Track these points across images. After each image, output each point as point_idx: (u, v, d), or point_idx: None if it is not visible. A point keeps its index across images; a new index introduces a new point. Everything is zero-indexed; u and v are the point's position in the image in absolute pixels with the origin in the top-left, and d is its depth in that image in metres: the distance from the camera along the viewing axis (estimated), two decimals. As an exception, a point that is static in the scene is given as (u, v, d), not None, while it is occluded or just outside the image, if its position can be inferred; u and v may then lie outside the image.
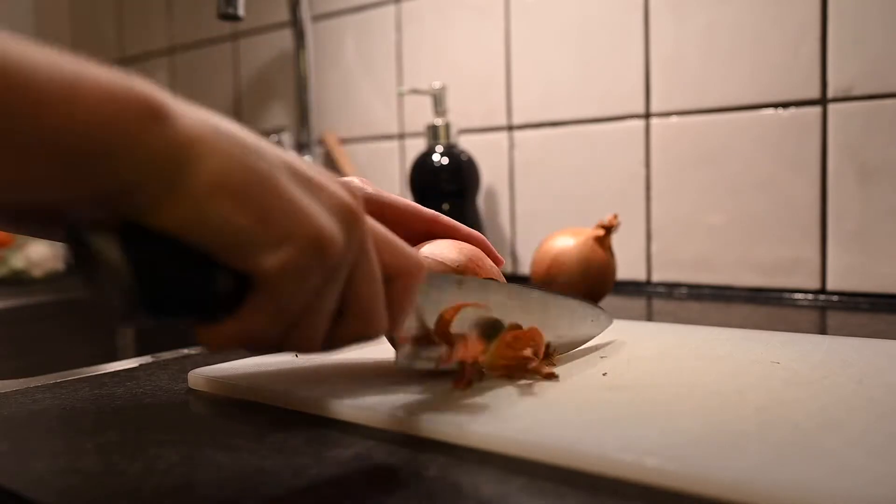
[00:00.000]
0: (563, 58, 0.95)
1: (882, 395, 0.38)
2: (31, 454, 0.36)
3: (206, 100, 1.40)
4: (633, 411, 0.36)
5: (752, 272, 0.82)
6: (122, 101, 0.27)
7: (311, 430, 0.38)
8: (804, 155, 0.79)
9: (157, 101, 0.28)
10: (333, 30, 1.18)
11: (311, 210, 0.31)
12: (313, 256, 0.31)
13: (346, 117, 1.18)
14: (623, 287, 0.90)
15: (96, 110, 0.27)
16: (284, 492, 0.31)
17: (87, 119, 0.26)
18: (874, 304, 0.75)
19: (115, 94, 0.27)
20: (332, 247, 0.31)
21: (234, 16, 0.99)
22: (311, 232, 0.30)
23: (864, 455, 0.30)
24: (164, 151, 0.28)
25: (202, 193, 0.28)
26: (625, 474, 0.30)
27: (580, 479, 0.30)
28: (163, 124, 0.28)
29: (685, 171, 0.86)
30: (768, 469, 0.29)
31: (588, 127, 0.93)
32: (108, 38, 1.59)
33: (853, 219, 0.76)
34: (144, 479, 0.32)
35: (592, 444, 0.32)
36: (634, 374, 0.44)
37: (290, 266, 0.30)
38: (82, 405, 0.44)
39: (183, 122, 0.29)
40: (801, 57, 0.78)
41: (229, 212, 0.29)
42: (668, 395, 0.39)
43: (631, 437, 0.33)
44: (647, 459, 0.30)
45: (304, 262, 0.30)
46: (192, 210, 0.28)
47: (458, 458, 0.33)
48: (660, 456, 0.30)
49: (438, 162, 0.94)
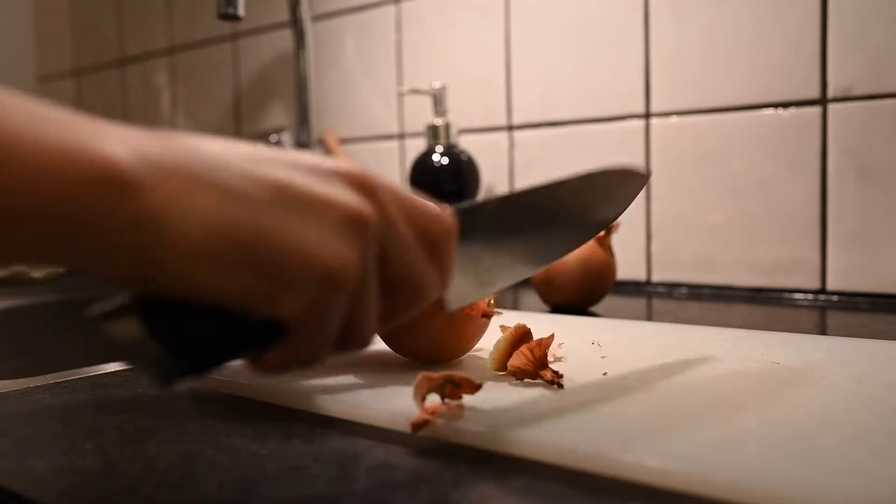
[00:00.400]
0: (563, 58, 0.95)
1: (882, 395, 0.38)
2: (31, 454, 0.36)
3: (206, 100, 1.41)
4: (633, 411, 0.36)
5: (752, 272, 0.82)
6: (74, 170, 0.24)
7: (311, 429, 0.38)
8: (804, 155, 0.79)
9: (115, 167, 0.24)
10: (333, 30, 1.18)
11: (310, 244, 0.28)
12: (330, 290, 0.28)
13: (346, 117, 1.18)
14: (623, 287, 0.90)
15: (45, 180, 0.23)
16: (284, 492, 0.31)
17: (36, 190, 0.23)
18: (874, 304, 0.75)
19: (66, 162, 0.24)
20: (345, 274, 0.29)
21: (234, 16, 0.99)
22: (319, 271, 0.28)
23: (864, 455, 0.30)
24: (130, 226, 0.25)
25: (185, 263, 0.26)
26: (625, 474, 0.30)
27: (581, 480, 0.30)
28: (125, 195, 0.24)
29: (685, 171, 0.86)
30: (768, 469, 0.29)
31: (588, 127, 0.93)
32: (108, 38, 1.58)
33: (853, 219, 0.76)
34: (144, 479, 0.32)
35: (593, 445, 0.32)
36: (635, 375, 0.44)
37: (311, 308, 0.28)
38: (82, 405, 0.44)
39: (146, 184, 0.25)
40: (801, 57, 0.78)
41: (220, 276, 0.26)
42: (668, 395, 0.39)
43: (631, 438, 0.33)
44: (647, 459, 0.30)
45: (322, 299, 0.28)
46: (180, 280, 0.26)
47: (459, 458, 0.33)
48: (660, 456, 0.30)
49: (438, 162, 0.94)
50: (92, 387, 0.48)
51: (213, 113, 1.38)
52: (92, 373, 0.52)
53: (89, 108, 1.64)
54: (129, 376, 0.51)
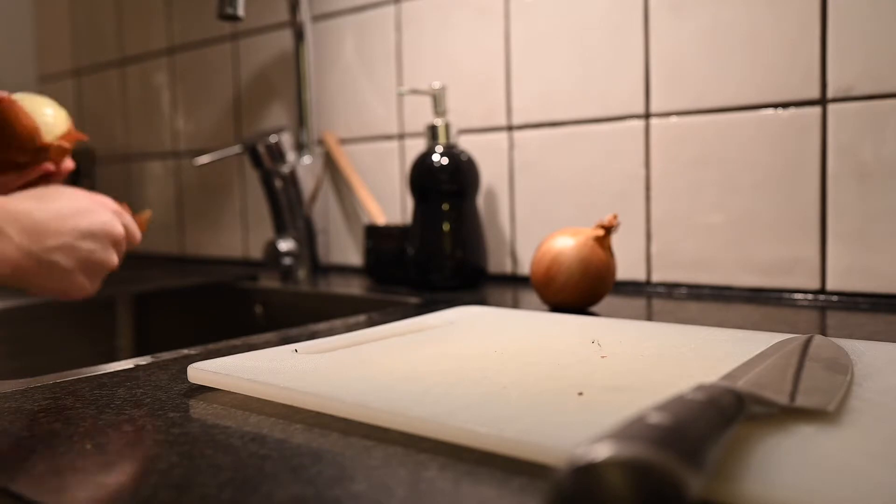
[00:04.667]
0: (562, 58, 0.95)
1: (882, 396, 0.38)
2: (32, 454, 0.36)
3: (205, 100, 1.41)
4: (633, 412, 0.36)
5: (752, 272, 0.82)
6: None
7: (311, 429, 0.38)
8: (804, 155, 0.79)
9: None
10: (333, 30, 1.18)
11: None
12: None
13: (346, 117, 1.18)
14: (623, 287, 0.90)
15: None
16: (284, 492, 0.31)
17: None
18: (874, 304, 0.75)
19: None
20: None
21: (234, 16, 0.99)
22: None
23: (864, 458, 0.30)
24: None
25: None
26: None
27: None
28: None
29: (685, 171, 0.86)
30: (766, 473, 0.29)
31: (588, 127, 0.93)
32: (108, 38, 1.59)
33: (853, 219, 0.76)
34: (144, 479, 0.32)
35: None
36: (635, 375, 0.44)
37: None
38: (82, 405, 0.44)
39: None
40: (800, 57, 0.78)
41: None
42: (668, 395, 0.39)
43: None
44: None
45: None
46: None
47: (458, 457, 0.33)
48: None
49: (438, 162, 0.94)
50: (92, 387, 0.48)
51: (213, 113, 1.38)
52: (92, 373, 0.52)
53: (89, 107, 1.64)
54: (129, 376, 0.51)
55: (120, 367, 0.54)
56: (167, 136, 1.47)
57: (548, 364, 0.46)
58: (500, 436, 0.34)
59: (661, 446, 0.24)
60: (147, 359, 0.56)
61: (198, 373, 0.47)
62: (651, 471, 0.23)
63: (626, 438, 0.24)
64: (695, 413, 0.28)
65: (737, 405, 0.31)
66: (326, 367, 0.47)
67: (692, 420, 0.27)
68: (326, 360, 0.49)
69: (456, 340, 0.55)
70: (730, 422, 0.30)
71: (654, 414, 0.27)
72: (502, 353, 0.50)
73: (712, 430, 0.28)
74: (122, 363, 0.55)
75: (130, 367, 0.54)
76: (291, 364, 0.48)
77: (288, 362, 0.48)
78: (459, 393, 0.40)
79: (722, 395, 0.31)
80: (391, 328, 0.60)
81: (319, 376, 0.45)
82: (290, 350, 0.52)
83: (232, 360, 0.49)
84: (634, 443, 0.24)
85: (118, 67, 1.57)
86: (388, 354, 0.50)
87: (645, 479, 0.23)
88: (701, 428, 0.27)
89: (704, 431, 0.27)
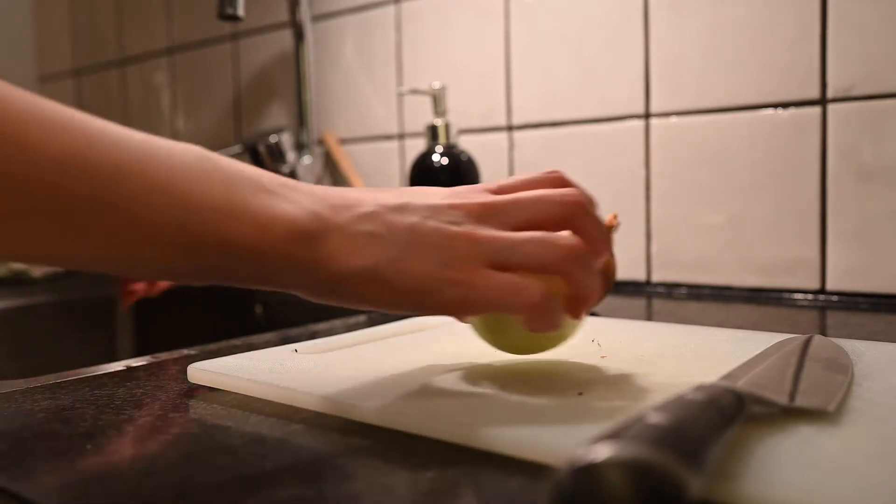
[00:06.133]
0: (563, 58, 0.95)
1: (882, 396, 0.38)
2: (31, 454, 0.36)
3: (205, 100, 1.41)
4: (633, 412, 0.36)
5: (752, 272, 0.82)
6: (274, 231, 0.36)
7: (311, 428, 0.38)
8: (804, 155, 0.79)
9: (300, 228, 0.36)
10: (333, 30, 1.18)
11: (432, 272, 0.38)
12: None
13: (346, 117, 1.18)
14: (623, 287, 0.90)
15: (259, 235, 0.36)
16: (284, 492, 0.31)
17: (255, 240, 0.36)
18: (874, 304, 0.75)
19: (270, 224, 0.36)
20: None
21: (234, 16, 0.99)
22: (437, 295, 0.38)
23: (864, 458, 0.30)
24: (310, 266, 0.37)
25: (344, 287, 0.38)
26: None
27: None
28: (305, 245, 0.36)
29: (685, 171, 0.86)
30: (766, 473, 0.29)
31: (588, 127, 0.93)
32: (108, 38, 1.59)
33: (853, 219, 0.76)
34: (144, 479, 0.32)
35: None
36: (635, 375, 0.44)
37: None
38: (82, 405, 0.44)
39: (319, 238, 0.37)
40: (800, 57, 0.78)
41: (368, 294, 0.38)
42: (668, 396, 0.39)
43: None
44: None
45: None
46: (338, 296, 0.38)
47: (458, 457, 0.33)
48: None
49: (438, 162, 0.94)
50: (92, 387, 0.48)
51: (213, 113, 1.38)
52: (92, 373, 0.52)
53: (89, 108, 1.64)
54: (129, 376, 0.51)
55: (120, 367, 0.54)
56: (167, 136, 1.47)
57: (548, 364, 0.47)
58: (499, 436, 0.34)
59: (660, 446, 0.24)
60: (147, 359, 0.56)
61: (198, 373, 0.47)
62: (651, 471, 0.23)
63: (626, 438, 0.24)
64: (695, 413, 0.28)
65: (737, 405, 0.31)
66: (326, 367, 0.47)
67: (692, 420, 0.27)
68: (326, 360, 0.49)
69: (456, 340, 0.55)
70: (730, 422, 0.30)
71: (654, 414, 0.27)
72: (502, 353, 0.50)
73: (712, 431, 0.28)
74: (121, 363, 0.55)
75: (130, 367, 0.54)
76: (291, 364, 0.48)
77: (288, 362, 0.48)
78: (459, 393, 0.40)
79: (722, 395, 0.31)
80: (391, 328, 0.60)
81: (319, 376, 0.45)
82: (290, 350, 0.52)
83: (232, 360, 0.49)
84: (634, 443, 0.24)
85: (118, 67, 1.57)
86: (388, 354, 0.50)
87: (645, 480, 0.23)
88: (701, 428, 0.27)
89: (704, 431, 0.27)
